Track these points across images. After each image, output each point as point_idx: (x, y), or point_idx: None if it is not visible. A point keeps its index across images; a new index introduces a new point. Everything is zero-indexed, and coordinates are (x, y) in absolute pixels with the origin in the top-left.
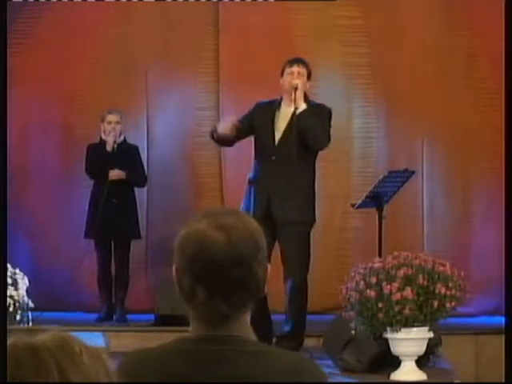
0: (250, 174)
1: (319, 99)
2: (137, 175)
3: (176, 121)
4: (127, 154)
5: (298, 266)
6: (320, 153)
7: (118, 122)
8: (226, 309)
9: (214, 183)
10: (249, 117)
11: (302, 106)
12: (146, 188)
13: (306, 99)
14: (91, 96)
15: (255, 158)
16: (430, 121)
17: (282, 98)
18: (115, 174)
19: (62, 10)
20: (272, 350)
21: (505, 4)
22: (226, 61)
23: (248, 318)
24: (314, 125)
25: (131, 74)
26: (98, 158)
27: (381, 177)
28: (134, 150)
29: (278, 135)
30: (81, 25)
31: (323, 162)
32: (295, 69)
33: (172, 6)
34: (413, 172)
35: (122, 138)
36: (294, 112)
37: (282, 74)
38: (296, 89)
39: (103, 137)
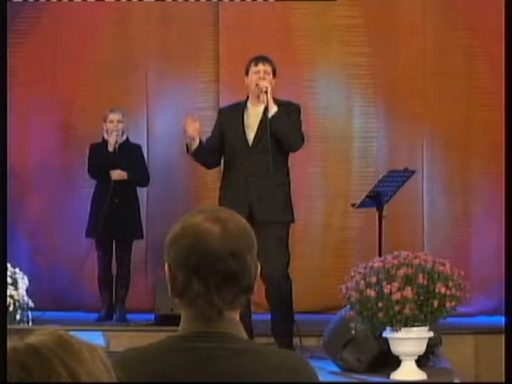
0: (222, 181)
1: (319, 99)
2: (139, 175)
3: (176, 120)
4: (129, 154)
5: (280, 266)
6: (320, 152)
7: (120, 121)
8: (219, 302)
9: (214, 183)
10: (218, 127)
11: (274, 109)
12: (146, 187)
13: (273, 98)
14: (91, 96)
15: (225, 163)
16: (430, 121)
17: (247, 98)
18: (117, 174)
19: (61, 10)
20: (264, 348)
21: (505, 4)
22: (226, 61)
23: (237, 316)
24: (288, 128)
25: (131, 74)
26: (100, 158)
27: (381, 176)
28: (137, 149)
29: (250, 136)
30: (81, 25)
31: (323, 161)
32: (261, 67)
33: (172, 5)
34: (413, 172)
35: (124, 137)
36: (265, 114)
37: (247, 73)
38: (266, 92)
39: (105, 136)
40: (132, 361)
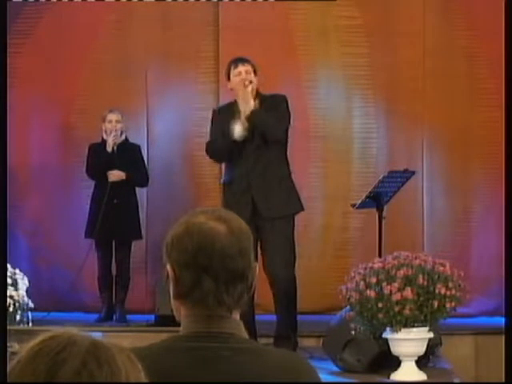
0: (225, 177)
1: (319, 99)
2: (138, 175)
3: (176, 121)
4: (128, 154)
5: (285, 264)
6: (320, 153)
7: (118, 121)
8: (228, 300)
9: (214, 183)
10: (218, 126)
11: (251, 104)
12: (145, 188)
13: (258, 94)
14: (91, 96)
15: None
16: (430, 121)
17: (235, 101)
18: (115, 174)
19: (61, 10)
20: (266, 348)
21: (505, 4)
22: (226, 61)
23: (238, 316)
24: (265, 119)
25: (131, 75)
26: (99, 159)
27: (381, 177)
28: (136, 149)
29: (244, 133)
30: (81, 25)
31: (323, 161)
32: (241, 68)
33: (172, 6)
34: (413, 172)
35: (123, 137)
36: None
37: (229, 78)
38: (251, 82)
39: (104, 137)
40: None
